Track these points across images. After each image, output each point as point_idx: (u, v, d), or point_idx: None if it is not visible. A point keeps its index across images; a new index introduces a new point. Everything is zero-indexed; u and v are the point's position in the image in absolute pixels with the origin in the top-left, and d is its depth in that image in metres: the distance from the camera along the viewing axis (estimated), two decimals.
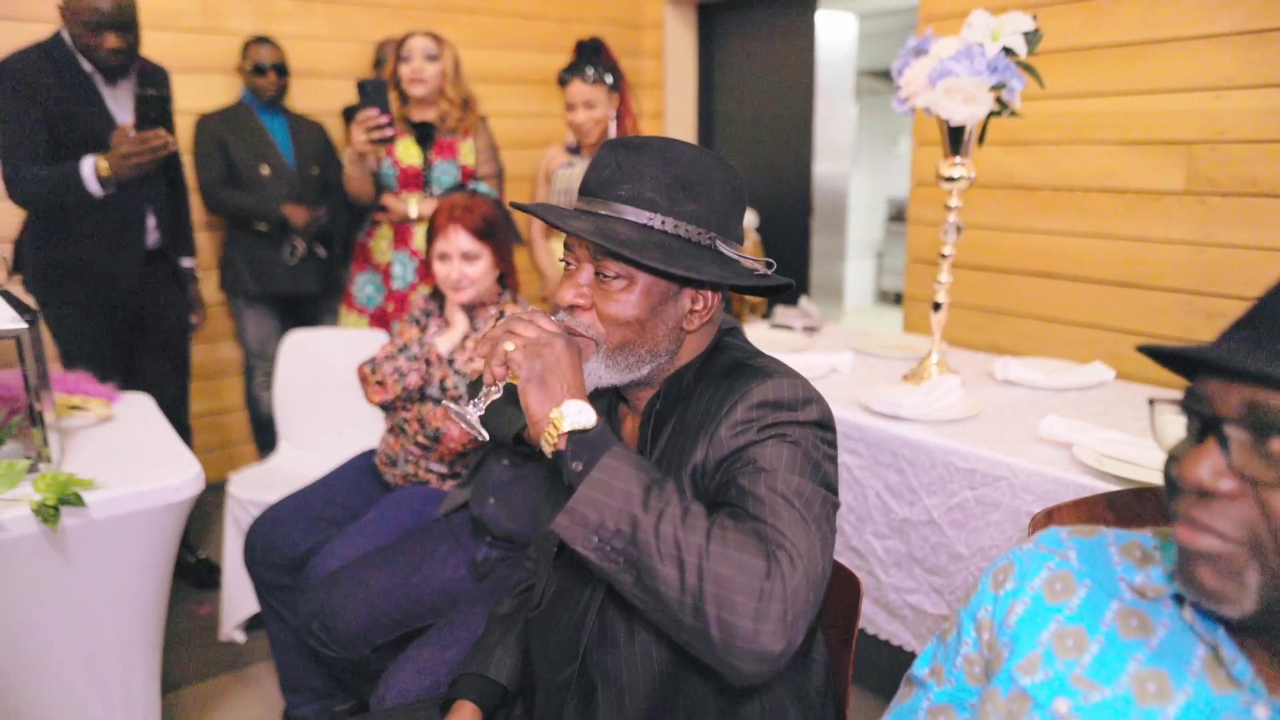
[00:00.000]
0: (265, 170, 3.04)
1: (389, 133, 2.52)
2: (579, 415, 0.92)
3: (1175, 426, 0.71)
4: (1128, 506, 1.39)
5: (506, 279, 2.08)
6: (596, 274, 1.04)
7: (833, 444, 1.02)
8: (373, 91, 2.50)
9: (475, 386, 1.83)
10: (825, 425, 1.01)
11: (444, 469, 2.06)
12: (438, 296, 2.14)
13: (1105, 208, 2.67)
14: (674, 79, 4.47)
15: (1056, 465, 1.65)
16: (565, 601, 1.15)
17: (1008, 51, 1.90)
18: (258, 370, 3.26)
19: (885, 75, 7.28)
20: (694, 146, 1.05)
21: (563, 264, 1.09)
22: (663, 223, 1.01)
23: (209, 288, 3.29)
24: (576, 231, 0.98)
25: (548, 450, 0.94)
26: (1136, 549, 0.80)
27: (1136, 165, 2.57)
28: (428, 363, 2.03)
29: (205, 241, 3.33)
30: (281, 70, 3.09)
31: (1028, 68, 1.91)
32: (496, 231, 2.01)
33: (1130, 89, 2.55)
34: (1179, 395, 0.71)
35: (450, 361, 2.01)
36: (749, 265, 1.06)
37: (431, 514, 1.96)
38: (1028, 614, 0.80)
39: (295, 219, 2.99)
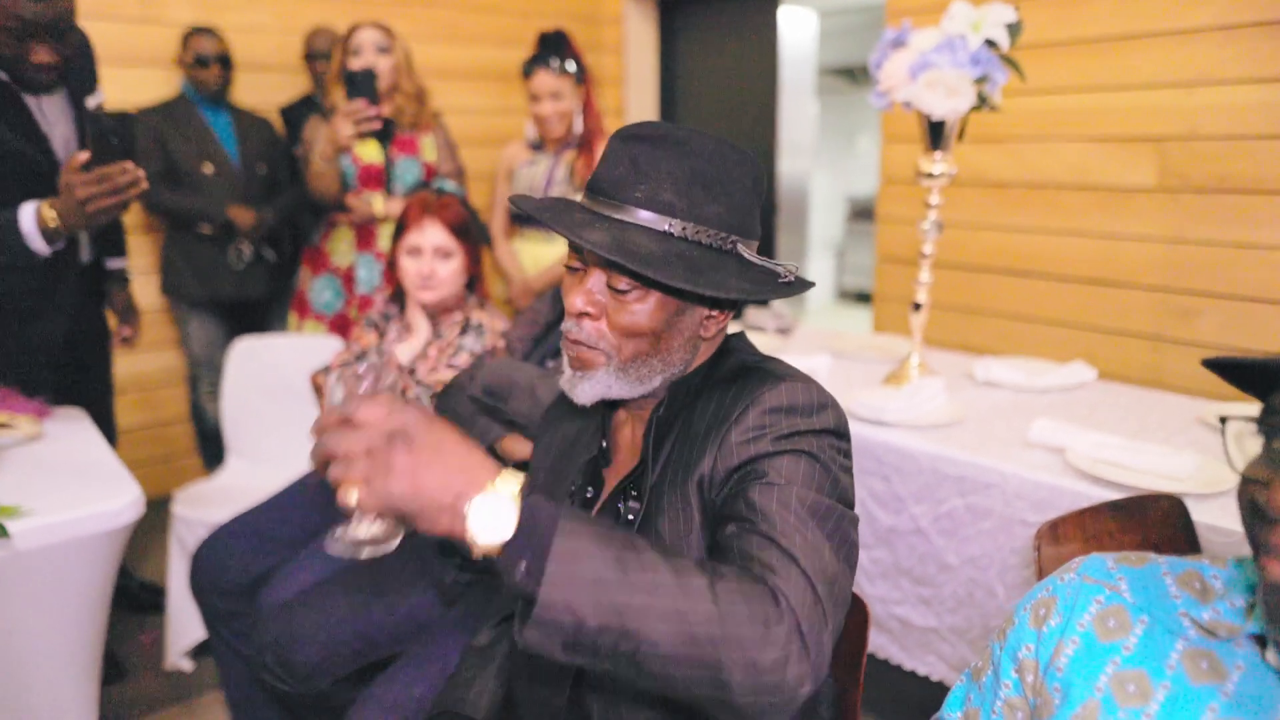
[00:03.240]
0: (208, 169, 2.88)
1: (377, 125, 2.41)
2: (495, 511, 0.72)
3: (1254, 446, 0.63)
4: (1131, 514, 1.34)
5: (476, 285, 1.97)
6: (609, 281, 0.95)
7: (847, 453, 0.95)
8: (361, 82, 2.39)
9: (443, 398, 1.72)
10: (840, 433, 0.94)
11: None
12: (398, 299, 2.02)
13: (1077, 205, 2.64)
14: (634, 75, 4.38)
15: (1049, 471, 1.60)
16: None
17: (990, 44, 1.84)
18: (203, 379, 3.09)
19: (845, 73, 7.30)
20: (712, 137, 0.97)
21: (567, 268, 1.00)
22: (683, 229, 0.93)
23: (150, 292, 3.11)
24: (594, 246, 0.88)
25: (476, 554, 0.74)
26: (1195, 580, 0.72)
27: (1109, 162, 2.55)
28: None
29: (146, 244, 3.15)
30: (225, 63, 2.92)
31: (1010, 61, 1.86)
32: (471, 232, 1.92)
33: (1102, 85, 2.53)
34: (1253, 412, 0.63)
35: (412, 371, 1.90)
36: (771, 268, 0.97)
37: None
38: (1079, 655, 0.72)
39: (241, 220, 2.83)
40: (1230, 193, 2.31)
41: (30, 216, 1.64)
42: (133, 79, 2.97)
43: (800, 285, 0.98)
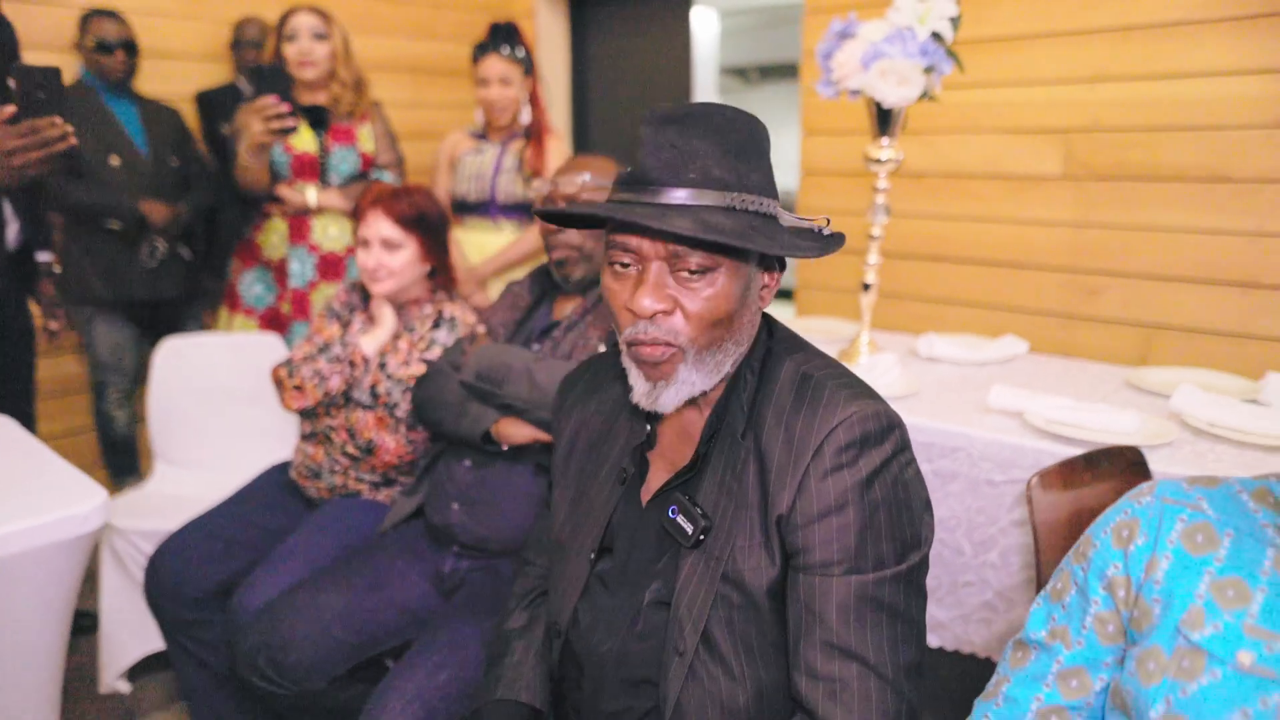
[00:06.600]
0: (115, 160, 2.69)
1: (290, 122, 2.30)
2: None
3: None
4: (1102, 463, 1.46)
5: (439, 275, 1.93)
6: (674, 270, 0.92)
7: (911, 457, 0.97)
8: (270, 76, 2.28)
9: (425, 384, 1.69)
10: (906, 444, 0.96)
11: (376, 478, 1.89)
12: (363, 289, 1.96)
13: (990, 193, 2.82)
14: (546, 69, 4.37)
15: (1011, 432, 1.71)
16: (609, 625, 1.05)
17: (935, 36, 1.95)
18: (110, 386, 2.88)
19: (738, 73, 7.49)
20: (727, 107, 0.96)
21: (614, 265, 0.95)
22: (741, 201, 0.91)
23: None
24: (684, 231, 0.85)
25: None
26: (1268, 496, 0.79)
27: (1018, 153, 2.74)
28: (351, 365, 1.86)
29: None
30: (130, 49, 2.74)
31: (952, 54, 1.98)
32: (426, 222, 1.87)
33: (1011, 80, 2.71)
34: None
35: (382, 365, 1.84)
36: (806, 224, 0.99)
37: (369, 527, 1.79)
38: (1174, 569, 0.78)
39: (154, 216, 2.67)
40: (1129, 179, 2.53)
41: None
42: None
43: (836, 237, 0.99)
